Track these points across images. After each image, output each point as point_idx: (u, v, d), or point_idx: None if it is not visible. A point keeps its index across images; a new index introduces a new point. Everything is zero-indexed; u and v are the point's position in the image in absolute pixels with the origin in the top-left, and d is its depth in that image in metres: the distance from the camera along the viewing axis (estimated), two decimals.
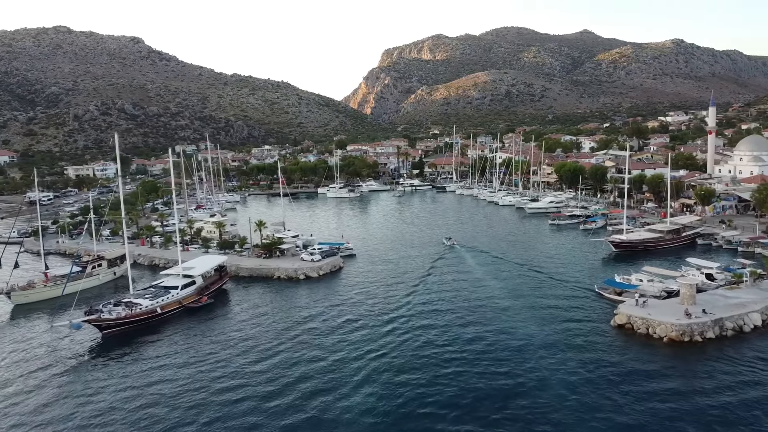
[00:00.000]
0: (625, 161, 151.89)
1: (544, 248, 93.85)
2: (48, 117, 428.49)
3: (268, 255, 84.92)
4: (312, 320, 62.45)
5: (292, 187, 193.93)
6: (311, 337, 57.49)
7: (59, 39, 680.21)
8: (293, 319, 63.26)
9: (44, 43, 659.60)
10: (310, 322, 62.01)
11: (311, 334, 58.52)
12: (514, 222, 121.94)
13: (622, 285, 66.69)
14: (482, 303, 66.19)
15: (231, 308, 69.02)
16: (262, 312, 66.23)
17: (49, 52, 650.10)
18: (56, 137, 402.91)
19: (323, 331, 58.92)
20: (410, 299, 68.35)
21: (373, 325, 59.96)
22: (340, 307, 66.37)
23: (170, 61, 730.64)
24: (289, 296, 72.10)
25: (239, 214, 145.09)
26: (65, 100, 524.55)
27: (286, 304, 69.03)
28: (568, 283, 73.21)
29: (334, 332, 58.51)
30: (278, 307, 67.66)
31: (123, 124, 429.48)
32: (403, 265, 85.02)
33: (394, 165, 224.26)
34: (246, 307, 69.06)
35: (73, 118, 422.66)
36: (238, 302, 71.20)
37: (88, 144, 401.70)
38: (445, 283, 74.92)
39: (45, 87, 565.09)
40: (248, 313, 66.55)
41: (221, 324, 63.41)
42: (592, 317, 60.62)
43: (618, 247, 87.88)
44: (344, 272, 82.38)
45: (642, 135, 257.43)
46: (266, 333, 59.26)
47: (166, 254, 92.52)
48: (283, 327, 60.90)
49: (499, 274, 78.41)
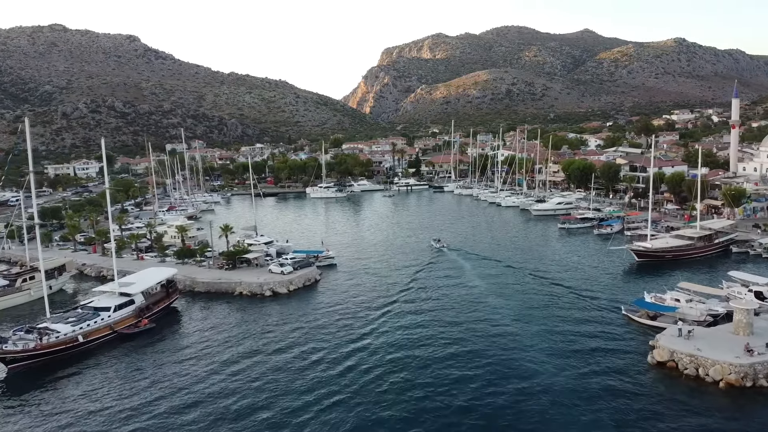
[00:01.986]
0: (639, 158, 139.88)
1: (554, 257, 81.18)
2: (36, 115, 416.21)
3: (231, 266, 72.31)
4: (263, 352, 49.97)
5: (279, 187, 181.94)
6: (257, 375, 45.14)
7: (54, 37, 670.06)
8: (245, 349, 50.73)
9: (39, 42, 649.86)
10: (263, 353, 49.57)
11: (259, 369, 46.22)
12: (519, 225, 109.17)
13: (656, 307, 54.06)
14: (481, 326, 53.58)
15: (174, 335, 56.41)
16: (210, 341, 53.58)
17: (43, 50, 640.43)
18: (43, 135, 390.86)
19: (273, 366, 46.74)
20: (388, 321, 55.85)
21: (332, 359, 47.58)
22: (303, 334, 53.78)
23: (166, 60, 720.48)
24: (250, 318, 59.43)
25: (217, 216, 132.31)
26: (59, 98, 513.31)
27: (244, 328, 56.37)
28: (586, 300, 60.58)
29: (285, 369, 46.26)
30: (232, 334, 54.96)
31: (113, 122, 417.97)
32: (389, 277, 72.55)
33: (389, 163, 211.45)
34: (193, 332, 56.48)
35: (62, 115, 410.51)
36: (185, 327, 58.61)
37: (75, 143, 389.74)
38: (436, 299, 62.29)
39: (39, 85, 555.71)
40: (194, 340, 54.00)
41: (158, 356, 50.87)
42: (622, 349, 48.00)
43: (642, 257, 75.19)
44: (320, 286, 69.75)
45: (650, 132, 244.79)
46: (207, 369, 46.70)
47: (118, 263, 79.60)
48: (230, 359, 48.44)
49: (503, 288, 65.77)
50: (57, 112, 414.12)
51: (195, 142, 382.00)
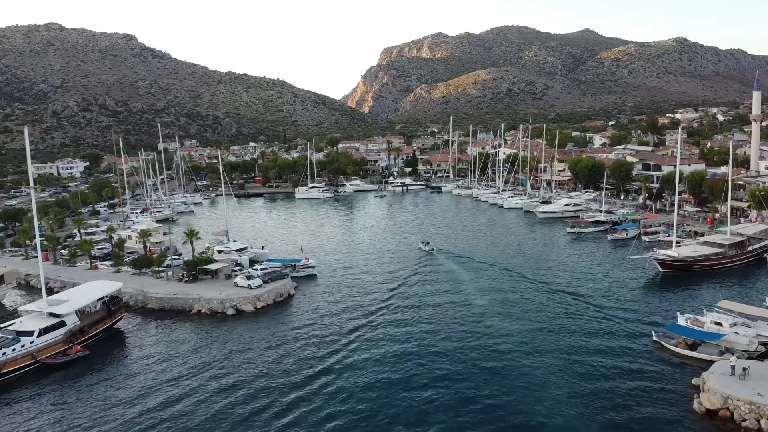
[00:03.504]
0: (652, 156, 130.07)
1: (563, 266, 71.36)
2: (25, 113, 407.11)
3: (192, 278, 62.50)
4: (207, 390, 40.19)
5: (267, 187, 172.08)
6: (200, 421, 35.31)
7: (51, 36, 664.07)
8: (190, 385, 41.04)
9: (35, 41, 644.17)
10: (207, 392, 39.81)
11: (203, 413, 36.47)
12: (523, 229, 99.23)
13: (696, 333, 44.32)
14: (479, 357, 43.84)
15: (110, 365, 46.67)
16: (150, 373, 43.90)
17: (39, 49, 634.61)
18: (32, 134, 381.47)
19: (218, 411, 36.79)
20: (361, 350, 46.09)
21: (279, 409, 37.71)
22: (257, 367, 44.01)
23: (163, 59, 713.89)
24: (204, 343, 49.65)
25: (196, 219, 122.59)
26: (53, 97, 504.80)
27: (195, 358, 46.62)
28: (606, 321, 50.86)
29: (229, 415, 36.39)
30: (178, 364, 45.25)
31: (104, 121, 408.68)
32: (372, 290, 62.71)
33: (384, 162, 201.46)
34: (133, 361, 46.84)
35: (52, 114, 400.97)
36: (125, 354, 48.87)
37: (65, 141, 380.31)
38: (425, 320, 52.46)
39: (34, 84, 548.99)
40: (132, 371, 44.40)
41: (83, 393, 41.17)
42: (659, 391, 38.26)
43: (666, 267, 65.36)
44: (294, 302, 59.90)
45: (657, 130, 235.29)
46: (138, 412, 37.00)
47: (68, 273, 70.12)
48: (169, 399, 38.78)
49: (507, 306, 55.93)
50: (47, 111, 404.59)
51: (189, 141, 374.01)
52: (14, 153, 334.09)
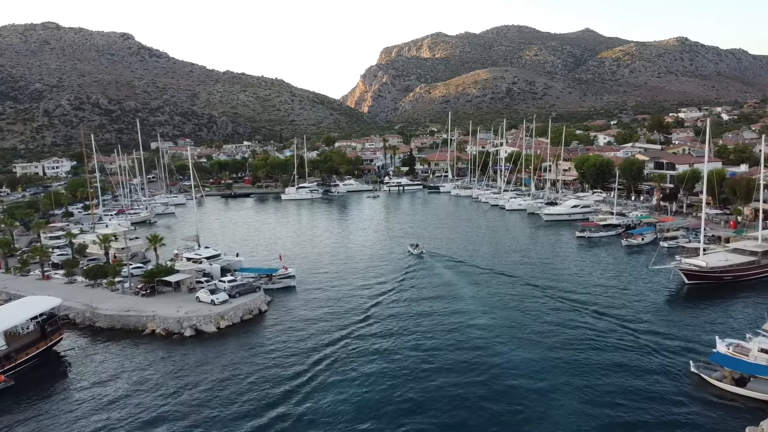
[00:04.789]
0: (663, 154, 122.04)
1: (574, 275, 63.46)
2: (16, 112, 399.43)
3: (149, 291, 54.48)
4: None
5: (257, 187, 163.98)
6: None
7: (47, 35, 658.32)
8: (127, 428, 33.10)
9: (31, 40, 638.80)
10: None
11: None
12: (527, 233, 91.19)
13: (745, 366, 36.32)
14: (483, 393, 35.91)
15: (38, 400, 38.69)
16: (81, 410, 35.88)
17: (35, 48, 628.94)
18: (23, 133, 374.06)
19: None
20: (334, 384, 38.06)
21: None
22: (209, 405, 36.03)
23: (160, 58, 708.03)
24: (154, 373, 41.65)
25: (177, 221, 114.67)
26: (48, 96, 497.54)
27: (138, 394, 38.62)
28: (629, 345, 43.09)
29: None
30: (118, 397, 37.26)
31: (96, 120, 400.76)
32: (355, 305, 54.72)
33: (381, 161, 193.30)
34: (66, 394, 38.90)
35: (43, 113, 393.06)
36: (58, 386, 40.91)
37: (57, 141, 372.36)
38: (416, 343, 44.54)
39: (29, 84, 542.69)
40: (61, 409, 36.45)
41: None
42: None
43: (693, 279, 57.38)
44: (265, 320, 51.89)
45: (664, 129, 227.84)
46: None
47: (18, 284, 62.10)
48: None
49: (515, 328, 47.96)
50: (39, 109, 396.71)
51: (183, 140, 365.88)
52: (3, 152, 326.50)
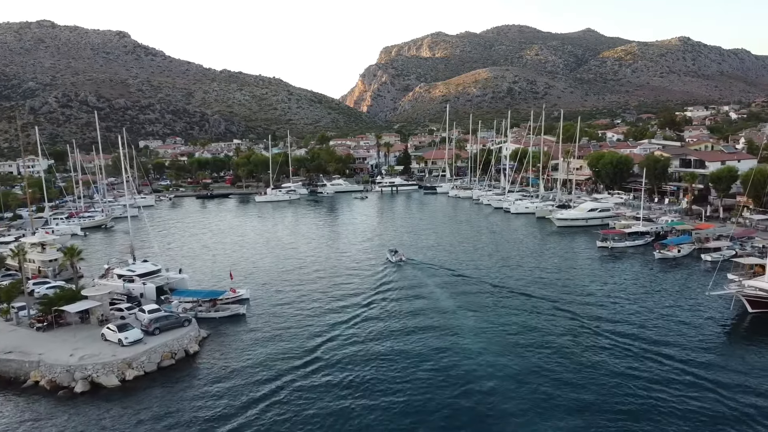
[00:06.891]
0: (690, 150, 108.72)
1: (601, 297, 50.48)
2: (1, 110, 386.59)
3: (47, 324, 41.15)
4: None
5: (237, 187, 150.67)
6: None
7: (42, 33, 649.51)
8: None
9: (26, 38, 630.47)
10: None
11: None
12: (538, 241, 77.76)
13: None
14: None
15: None
16: None
17: (30, 46, 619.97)
18: (7, 132, 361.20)
19: None
20: None
21: None
22: None
23: (156, 56, 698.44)
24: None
25: (141, 224, 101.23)
26: (41, 95, 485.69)
27: None
28: (691, 398, 29.94)
29: None
30: None
31: (84, 117, 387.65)
32: (316, 333, 41.58)
33: (374, 160, 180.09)
34: None
35: (29, 110, 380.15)
36: None
37: (43, 139, 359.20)
38: (398, 391, 31.49)
39: (23, 82, 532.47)
40: None
41: None
42: None
43: (757, 307, 44.04)
44: (195, 365, 38.49)
45: (676, 126, 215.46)
46: None
47: None
48: None
49: (533, 373, 34.88)
50: (24, 107, 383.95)
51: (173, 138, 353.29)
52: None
